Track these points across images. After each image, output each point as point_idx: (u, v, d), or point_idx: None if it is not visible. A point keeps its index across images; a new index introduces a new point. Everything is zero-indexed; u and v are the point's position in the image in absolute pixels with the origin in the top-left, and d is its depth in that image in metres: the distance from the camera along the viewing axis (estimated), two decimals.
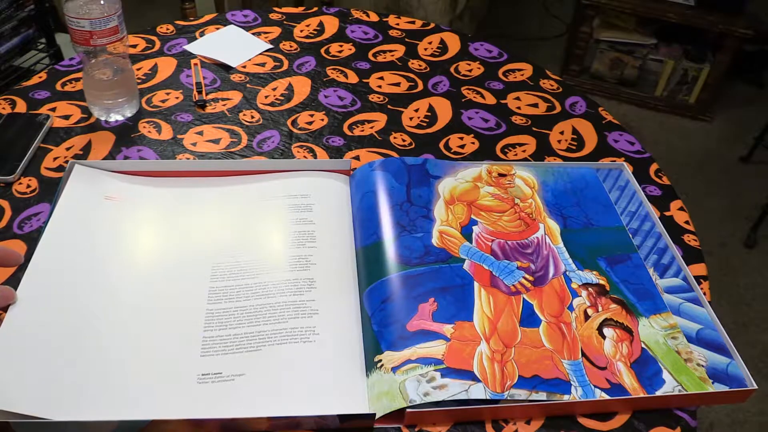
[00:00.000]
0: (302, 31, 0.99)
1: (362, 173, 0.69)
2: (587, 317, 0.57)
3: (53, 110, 0.78)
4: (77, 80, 0.83)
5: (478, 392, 0.50)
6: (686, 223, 0.72)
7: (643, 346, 0.56)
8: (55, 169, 0.71)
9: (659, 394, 0.52)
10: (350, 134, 0.79)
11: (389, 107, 0.85)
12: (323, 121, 0.81)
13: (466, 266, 0.60)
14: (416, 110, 0.84)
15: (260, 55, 0.92)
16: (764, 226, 1.83)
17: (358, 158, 0.76)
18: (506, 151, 0.79)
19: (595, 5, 2.20)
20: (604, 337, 0.56)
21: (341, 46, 0.96)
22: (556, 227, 0.66)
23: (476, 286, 0.58)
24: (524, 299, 0.58)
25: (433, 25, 1.04)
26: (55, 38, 1.75)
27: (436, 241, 0.62)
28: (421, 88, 0.89)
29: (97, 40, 0.70)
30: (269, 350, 0.53)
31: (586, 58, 2.34)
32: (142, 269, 0.59)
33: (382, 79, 0.90)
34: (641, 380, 0.53)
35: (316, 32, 0.99)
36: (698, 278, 0.63)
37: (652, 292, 0.60)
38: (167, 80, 0.85)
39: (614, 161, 0.78)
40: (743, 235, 1.85)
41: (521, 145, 0.80)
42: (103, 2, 0.69)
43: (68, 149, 0.73)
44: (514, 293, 0.59)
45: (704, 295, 0.61)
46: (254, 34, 0.97)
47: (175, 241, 0.62)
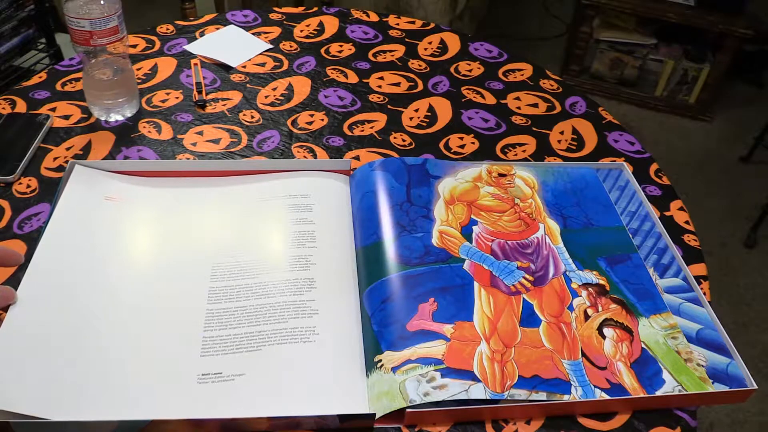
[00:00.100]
0: (302, 31, 0.99)
1: (362, 173, 0.69)
2: (587, 317, 0.57)
3: (53, 110, 0.78)
4: (77, 80, 0.83)
5: (478, 392, 0.50)
6: (686, 223, 0.72)
7: (643, 346, 0.56)
8: (55, 169, 0.71)
9: (659, 394, 0.52)
10: (350, 134, 0.79)
11: (389, 107, 0.85)
12: (323, 121, 0.81)
13: (466, 266, 0.60)
14: (416, 110, 0.84)
15: (260, 55, 0.92)
16: (764, 226, 1.83)
17: (358, 158, 0.76)
18: (506, 151, 0.79)
19: (595, 5, 2.20)
20: (604, 337, 0.56)
21: (341, 46, 0.96)
22: (556, 227, 0.66)
23: (476, 286, 0.58)
24: (524, 299, 0.58)
25: (433, 25, 1.04)
26: (55, 38, 1.75)
27: (436, 241, 0.62)
28: (421, 88, 0.89)
29: (97, 40, 0.70)
30: (269, 350, 0.53)
31: (586, 58, 2.34)
32: (142, 269, 0.59)
33: (382, 79, 0.90)
34: (641, 380, 0.53)
35: (316, 32, 0.99)
36: (698, 278, 0.63)
37: (652, 292, 0.60)
38: (167, 80, 0.85)
39: (614, 161, 0.78)
40: (743, 235, 1.85)
41: (521, 145, 0.80)
42: (103, 2, 0.70)
43: (68, 149, 0.73)
44: (514, 293, 0.59)
45: (704, 295, 0.61)
46: (254, 34, 0.97)
47: (175, 241, 0.62)
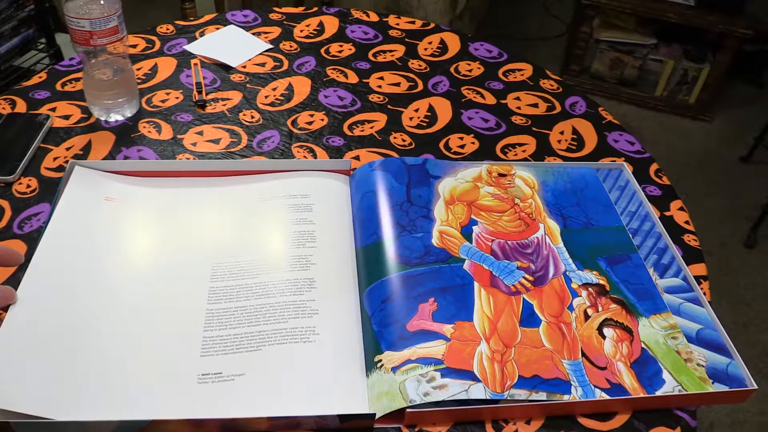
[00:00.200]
0: (302, 31, 0.99)
1: (362, 173, 0.69)
2: (587, 317, 0.57)
3: (53, 110, 0.78)
4: (77, 80, 0.83)
5: (478, 392, 0.50)
6: (686, 223, 0.72)
7: (643, 346, 0.56)
8: (55, 169, 0.71)
9: (659, 394, 0.52)
10: (350, 134, 0.79)
11: (389, 107, 0.85)
12: (323, 121, 0.81)
13: (466, 266, 0.60)
14: (416, 110, 0.84)
15: (260, 55, 0.92)
16: (764, 226, 1.83)
17: (358, 158, 0.76)
18: (506, 151, 0.79)
19: (595, 5, 2.20)
20: (604, 337, 0.56)
21: (341, 46, 0.96)
22: (556, 227, 0.66)
23: (476, 286, 0.58)
24: (524, 299, 0.58)
25: (433, 25, 1.04)
26: (55, 38, 1.75)
27: (436, 241, 0.62)
28: (421, 88, 0.89)
29: (97, 40, 0.70)
30: (269, 350, 0.53)
31: (586, 58, 2.34)
32: (142, 269, 0.59)
33: (382, 79, 0.90)
34: (641, 380, 0.53)
35: (316, 32, 0.99)
36: (698, 278, 0.63)
37: (652, 292, 0.60)
38: (167, 80, 0.85)
39: (614, 161, 0.78)
40: (743, 235, 1.85)
41: (521, 145, 0.80)
42: (103, 2, 0.70)
43: (68, 149, 0.73)
44: (514, 293, 0.59)
45: (704, 295, 0.61)
46: (254, 34, 0.97)
47: (175, 241, 0.62)
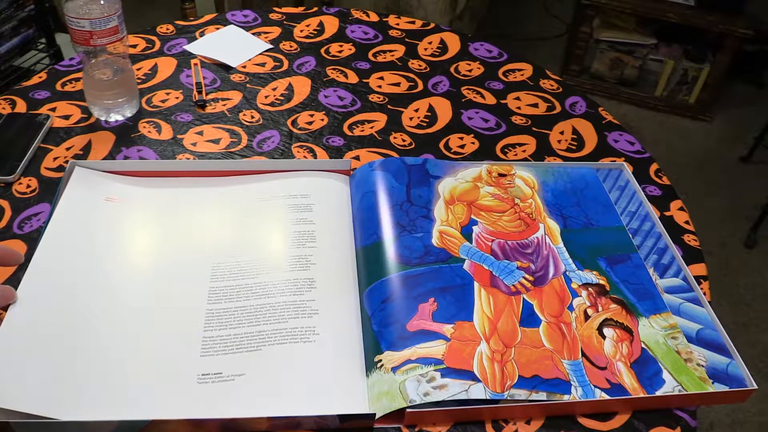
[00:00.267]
0: (302, 31, 0.99)
1: (362, 173, 0.69)
2: (587, 317, 0.57)
3: (53, 110, 0.78)
4: (77, 80, 0.83)
5: (478, 392, 0.50)
6: (686, 223, 0.72)
7: (643, 346, 0.56)
8: (55, 169, 0.71)
9: (659, 394, 0.52)
10: (350, 134, 0.79)
11: (389, 107, 0.85)
12: (323, 121, 0.81)
13: (466, 266, 0.60)
14: (416, 110, 0.84)
15: (260, 55, 0.92)
16: (764, 226, 1.83)
17: (358, 158, 0.76)
18: (506, 151, 0.79)
19: (595, 5, 2.20)
20: (604, 337, 0.56)
21: (341, 46, 0.96)
22: (556, 227, 0.66)
23: (476, 286, 0.58)
24: (524, 299, 0.58)
25: (433, 25, 1.04)
26: (55, 38, 1.75)
27: (436, 241, 0.62)
28: (421, 88, 0.89)
29: (97, 40, 0.70)
30: (269, 350, 0.53)
31: (586, 58, 2.34)
32: (142, 269, 0.59)
33: (382, 79, 0.90)
34: (641, 380, 0.53)
35: (316, 32, 0.99)
36: (698, 278, 0.63)
37: (652, 292, 0.60)
38: (167, 80, 0.85)
39: (614, 161, 0.78)
40: (743, 235, 1.85)
41: (521, 145, 0.80)
42: (103, 2, 0.70)
43: (68, 149, 0.73)
44: (514, 293, 0.59)
45: (704, 295, 0.61)
46: (254, 34, 0.97)
47: (175, 241, 0.62)
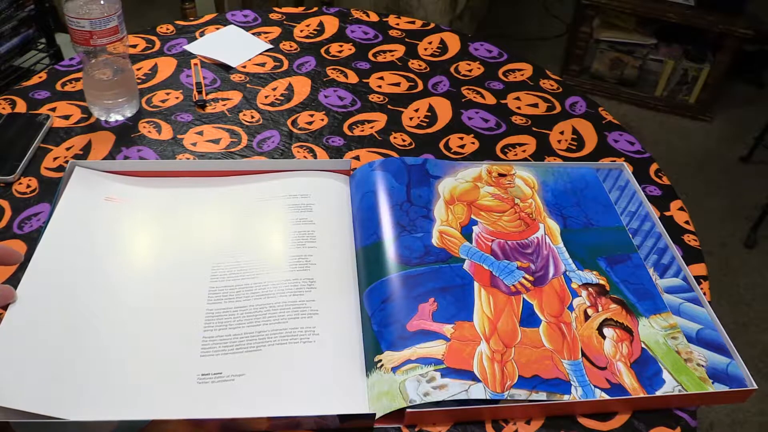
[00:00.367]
0: (302, 31, 0.99)
1: (362, 173, 0.69)
2: (587, 317, 0.57)
3: (53, 110, 0.78)
4: (77, 80, 0.83)
5: (478, 392, 0.50)
6: (686, 223, 0.72)
7: (643, 346, 0.56)
8: (55, 169, 0.71)
9: (659, 394, 0.52)
10: (350, 134, 0.79)
11: (389, 107, 0.85)
12: (323, 121, 0.81)
13: (466, 266, 0.60)
14: (416, 110, 0.84)
15: (260, 55, 0.92)
16: (764, 226, 1.83)
17: (358, 158, 0.76)
18: (506, 151, 0.79)
19: (595, 5, 2.20)
20: (604, 337, 0.56)
21: (341, 46, 0.96)
22: (556, 227, 0.66)
23: (476, 286, 0.58)
24: (524, 299, 0.58)
25: (433, 25, 1.04)
26: (55, 38, 1.75)
27: (436, 241, 0.62)
28: (421, 88, 0.89)
29: (97, 40, 0.70)
30: (269, 350, 0.53)
31: (586, 58, 2.34)
32: (142, 269, 0.59)
33: (382, 79, 0.90)
34: (641, 380, 0.53)
35: (316, 32, 0.99)
36: (698, 278, 0.63)
37: (652, 292, 0.60)
38: (167, 80, 0.85)
39: (614, 161, 0.78)
40: (743, 235, 1.85)
41: (521, 145, 0.80)
42: (103, 2, 0.70)
43: (68, 149, 0.73)
44: (514, 293, 0.59)
45: (704, 295, 0.61)
46: (254, 34, 0.97)
47: (175, 241, 0.62)
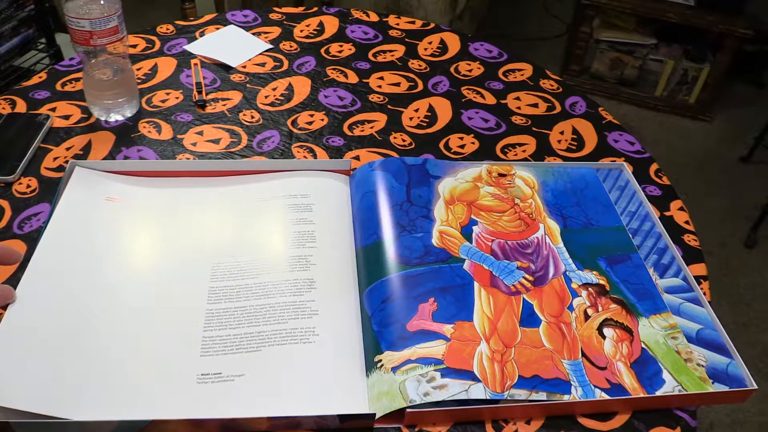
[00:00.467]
0: (302, 31, 0.99)
1: (362, 173, 0.69)
2: (587, 317, 0.57)
3: (53, 110, 0.78)
4: (77, 80, 0.83)
5: (478, 392, 0.50)
6: (686, 223, 0.72)
7: (643, 346, 0.56)
8: (55, 169, 0.71)
9: (659, 394, 0.52)
10: (350, 134, 0.79)
11: (389, 107, 0.85)
12: (323, 121, 0.81)
13: (466, 266, 0.60)
14: (416, 110, 0.84)
15: (260, 55, 0.92)
16: (764, 226, 1.83)
17: (358, 158, 0.76)
18: (506, 151, 0.79)
19: (595, 5, 2.20)
20: (604, 337, 0.56)
21: (341, 46, 0.96)
22: (556, 227, 0.66)
23: (476, 286, 0.58)
24: (524, 299, 0.58)
25: (433, 25, 1.04)
26: (55, 38, 1.75)
27: (436, 241, 0.62)
28: (421, 88, 0.89)
29: (97, 40, 0.70)
30: (269, 351, 0.53)
31: (586, 58, 2.34)
32: (142, 269, 0.59)
33: (382, 79, 0.90)
34: (641, 380, 0.53)
35: (316, 32, 0.99)
36: (698, 278, 0.63)
37: (652, 292, 0.60)
38: (167, 80, 0.85)
39: (614, 161, 0.78)
40: (743, 235, 1.85)
41: (521, 145, 0.80)
42: (103, 2, 0.70)
43: (68, 149, 0.73)
44: (514, 293, 0.59)
45: (704, 295, 0.61)
46: (254, 34, 0.97)
47: (175, 241, 0.62)
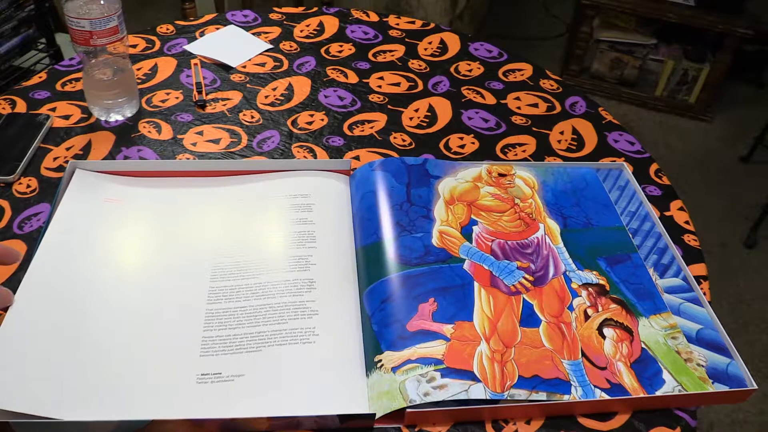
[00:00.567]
0: (302, 31, 0.99)
1: (362, 173, 0.69)
2: (587, 317, 0.57)
3: (53, 110, 0.78)
4: (77, 80, 0.83)
5: (478, 392, 0.50)
6: (686, 223, 0.72)
7: (643, 346, 0.56)
8: (55, 169, 0.71)
9: (659, 394, 0.52)
10: (350, 134, 0.79)
11: (389, 107, 0.85)
12: (323, 121, 0.81)
13: (466, 266, 0.60)
14: (416, 110, 0.84)
15: (260, 55, 0.92)
16: (764, 226, 1.83)
17: (358, 158, 0.76)
18: (506, 151, 0.79)
19: (595, 5, 2.20)
20: (604, 337, 0.56)
21: (341, 46, 0.96)
22: (556, 227, 0.66)
23: (476, 286, 0.58)
24: (524, 299, 0.58)
25: (433, 25, 1.04)
26: (55, 38, 1.75)
27: (436, 241, 0.62)
28: (421, 88, 0.89)
29: (97, 40, 0.70)
30: (269, 351, 0.53)
31: (586, 58, 2.34)
32: (142, 269, 0.59)
33: (382, 79, 0.90)
34: (641, 380, 0.53)
35: (316, 32, 0.99)
36: (698, 278, 0.63)
37: (652, 292, 0.60)
38: (167, 80, 0.85)
39: (614, 161, 0.78)
40: (743, 235, 1.85)
41: (521, 145, 0.80)
42: (103, 2, 0.70)
43: (68, 149, 0.73)
44: (514, 293, 0.59)
45: (704, 295, 0.61)
46: (254, 34, 0.97)
47: (175, 241, 0.62)
